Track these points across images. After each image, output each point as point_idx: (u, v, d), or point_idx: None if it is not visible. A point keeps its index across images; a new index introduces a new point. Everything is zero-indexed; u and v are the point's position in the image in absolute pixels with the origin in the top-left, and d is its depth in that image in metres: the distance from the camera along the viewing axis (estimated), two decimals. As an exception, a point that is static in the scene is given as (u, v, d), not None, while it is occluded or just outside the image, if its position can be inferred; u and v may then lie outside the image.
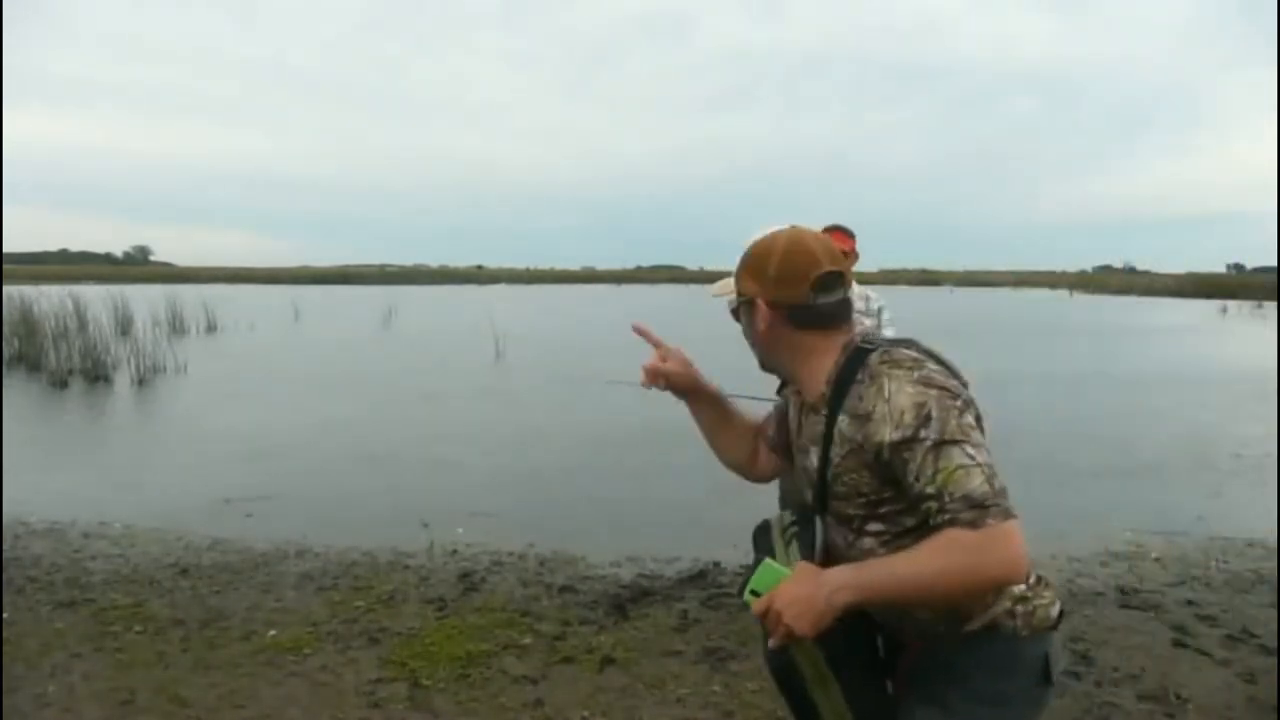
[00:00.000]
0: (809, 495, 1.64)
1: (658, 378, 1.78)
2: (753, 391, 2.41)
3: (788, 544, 1.60)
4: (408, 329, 23.73)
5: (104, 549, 5.12)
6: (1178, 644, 3.79)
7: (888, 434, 1.41)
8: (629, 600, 4.27)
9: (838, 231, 3.71)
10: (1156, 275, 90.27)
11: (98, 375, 12.88)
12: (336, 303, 37.21)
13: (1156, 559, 5.06)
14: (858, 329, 1.67)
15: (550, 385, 12.97)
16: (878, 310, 3.91)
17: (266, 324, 23.98)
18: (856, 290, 3.43)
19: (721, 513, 5.42)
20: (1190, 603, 4.32)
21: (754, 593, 1.45)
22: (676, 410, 1.89)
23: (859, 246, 3.93)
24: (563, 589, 4.45)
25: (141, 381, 12.58)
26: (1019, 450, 8.23)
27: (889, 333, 3.56)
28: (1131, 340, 21.54)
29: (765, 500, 3.26)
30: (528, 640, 3.79)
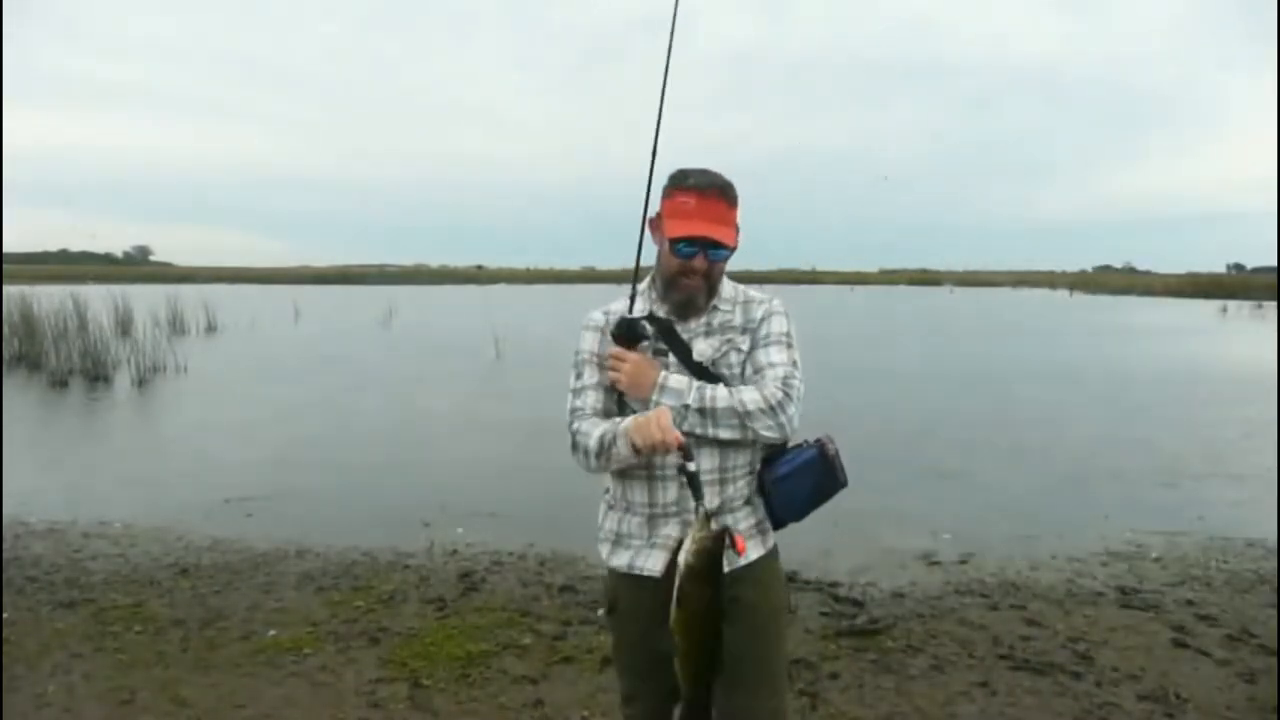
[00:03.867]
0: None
1: None
2: None
3: None
4: (407, 329, 23.73)
5: (104, 549, 5.12)
6: (1178, 644, 3.79)
7: None
8: (629, 600, 4.28)
9: (703, 192, 1.92)
10: (1156, 275, 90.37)
11: (98, 375, 12.88)
12: (336, 303, 37.19)
13: (1156, 559, 5.06)
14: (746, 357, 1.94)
15: (549, 385, 12.97)
16: (762, 318, 1.99)
17: (266, 324, 23.98)
18: (729, 289, 2.02)
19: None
20: (1190, 603, 4.32)
21: None
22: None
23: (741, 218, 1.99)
24: (563, 589, 4.46)
25: (141, 381, 12.57)
26: (1020, 450, 8.24)
27: (788, 374, 1.92)
28: (1131, 340, 21.54)
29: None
30: (528, 640, 3.79)
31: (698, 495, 1.76)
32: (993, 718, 3.17)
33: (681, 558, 1.68)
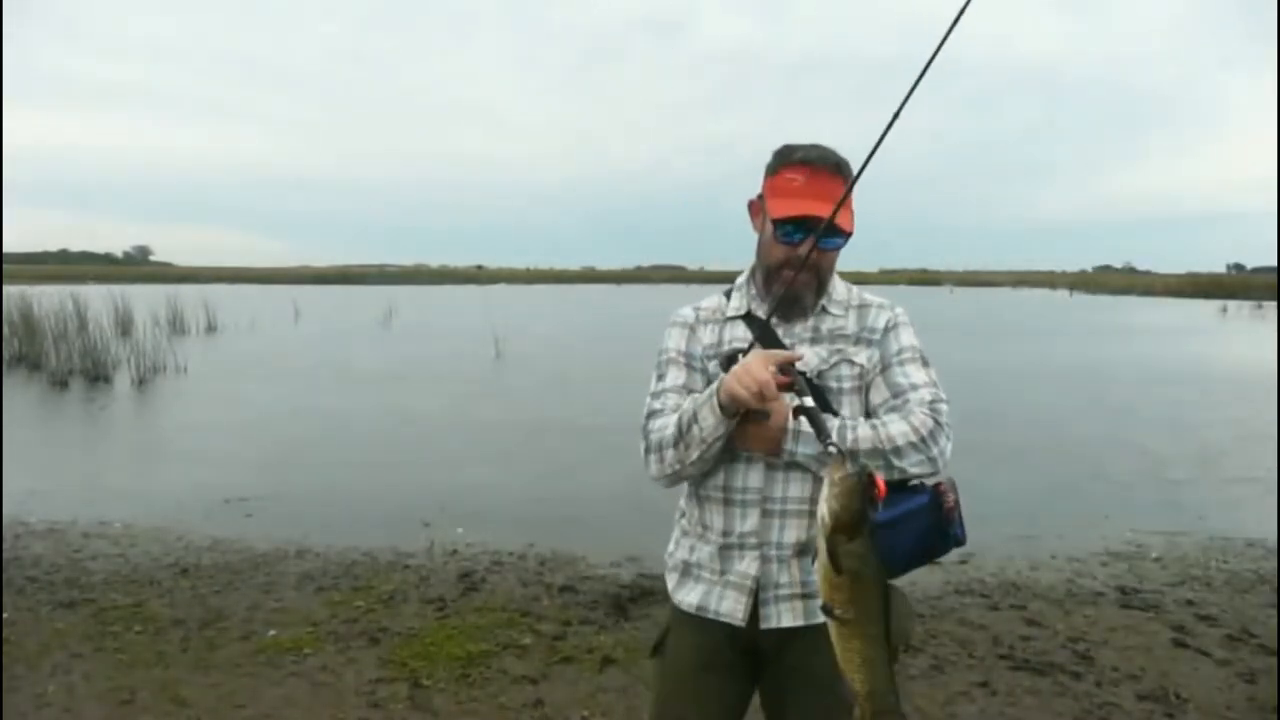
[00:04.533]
0: None
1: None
2: None
3: None
4: (407, 329, 23.73)
5: (104, 549, 5.12)
6: (1178, 644, 3.80)
7: None
8: (629, 600, 4.28)
9: (814, 168, 1.65)
10: (1156, 275, 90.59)
11: (98, 375, 12.88)
12: (336, 303, 37.20)
13: (1156, 559, 5.06)
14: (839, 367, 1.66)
15: (549, 385, 12.97)
16: (887, 328, 1.71)
17: (266, 324, 23.98)
18: (841, 289, 1.76)
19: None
20: (1190, 603, 4.32)
21: None
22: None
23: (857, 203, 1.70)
24: (563, 589, 4.46)
25: (141, 381, 12.57)
26: (1020, 450, 8.23)
27: (921, 387, 1.64)
28: (1131, 340, 21.54)
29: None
30: (528, 640, 3.79)
31: (823, 434, 1.46)
32: (993, 718, 3.17)
33: (822, 508, 1.35)
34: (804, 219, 1.61)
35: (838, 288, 1.76)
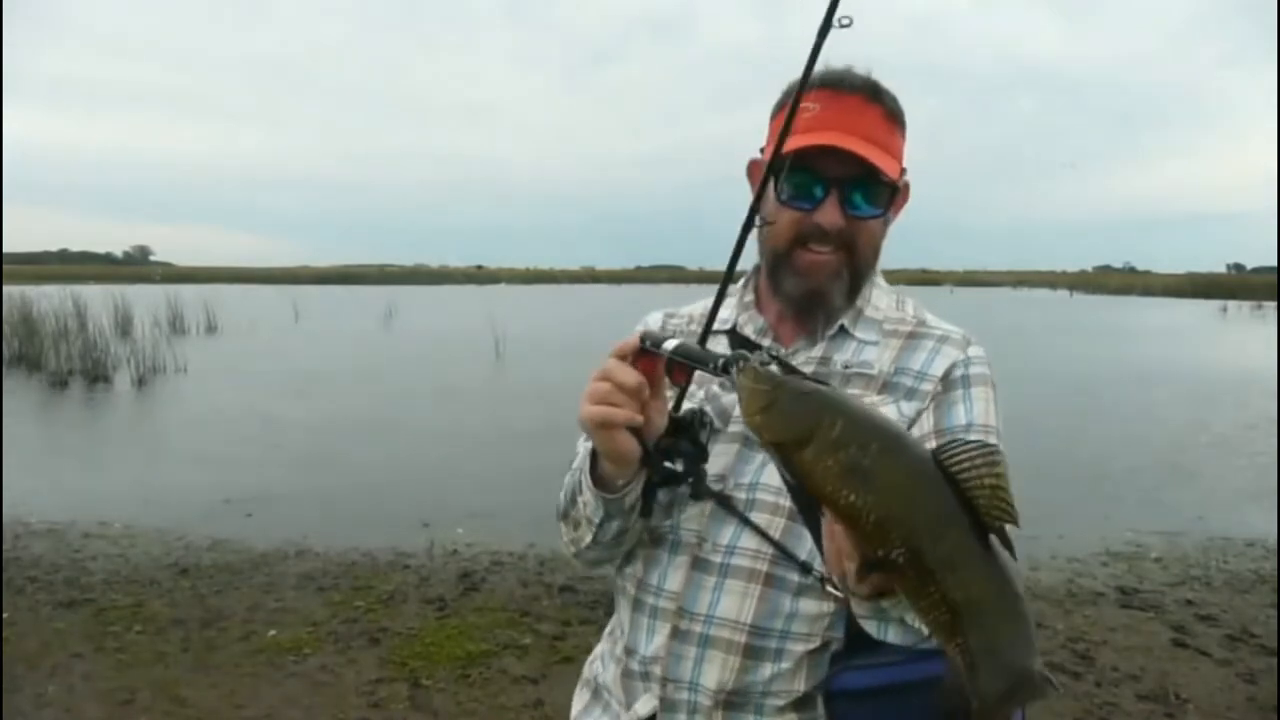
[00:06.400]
0: None
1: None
2: None
3: None
4: (407, 329, 23.72)
5: (104, 549, 5.12)
6: (1178, 644, 3.80)
7: None
8: (629, 600, 4.28)
9: (840, 93, 1.06)
10: (1156, 275, 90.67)
11: (98, 375, 12.87)
12: (336, 303, 37.18)
13: (1156, 559, 5.06)
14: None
15: (550, 385, 12.96)
16: (951, 379, 1.16)
17: (267, 324, 23.96)
18: (884, 300, 1.20)
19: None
20: (1190, 603, 4.32)
21: None
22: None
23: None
24: (563, 589, 4.46)
25: (141, 381, 12.57)
26: (1019, 451, 8.23)
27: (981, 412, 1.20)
28: (1131, 340, 21.53)
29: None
30: (528, 640, 3.79)
31: (708, 363, 0.93)
32: (993, 718, 3.17)
33: (756, 432, 0.79)
34: (823, 149, 1.01)
35: (879, 296, 1.17)
